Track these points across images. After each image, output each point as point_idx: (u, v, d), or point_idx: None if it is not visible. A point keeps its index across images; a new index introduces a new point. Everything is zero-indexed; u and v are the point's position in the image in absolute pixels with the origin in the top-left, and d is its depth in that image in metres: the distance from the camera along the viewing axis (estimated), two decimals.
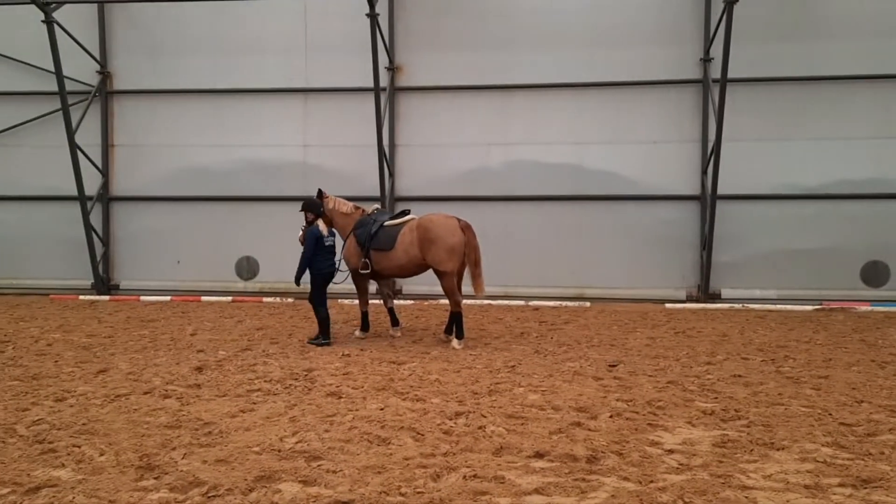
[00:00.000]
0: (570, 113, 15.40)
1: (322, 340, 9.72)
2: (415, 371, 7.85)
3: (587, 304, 14.55)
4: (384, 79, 15.31)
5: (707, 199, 14.49)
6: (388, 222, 10.07)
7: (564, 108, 15.41)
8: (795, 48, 14.62)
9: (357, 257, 10.10)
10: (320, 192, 10.51)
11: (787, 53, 14.63)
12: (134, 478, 4.54)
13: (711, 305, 14.35)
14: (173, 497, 4.23)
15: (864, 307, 13.79)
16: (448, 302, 9.99)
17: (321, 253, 9.71)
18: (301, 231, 10.05)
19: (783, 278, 14.76)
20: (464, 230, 9.71)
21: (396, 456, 4.93)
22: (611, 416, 5.95)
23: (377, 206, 10.66)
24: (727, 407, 6.28)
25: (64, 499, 4.18)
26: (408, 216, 10.23)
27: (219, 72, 16.25)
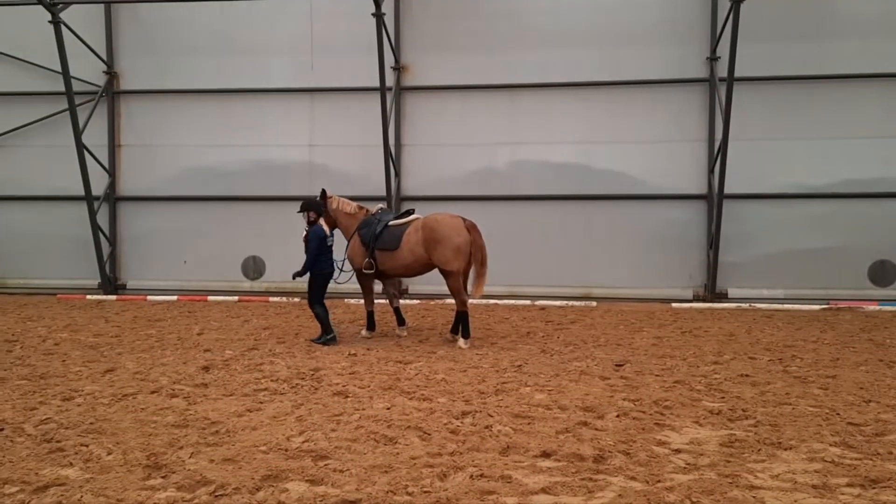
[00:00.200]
0: (577, 112, 15.37)
1: (326, 337, 9.73)
2: (421, 370, 7.85)
3: (593, 304, 14.53)
4: (390, 78, 15.30)
5: (714, 199, 14.45)
6: (393, 222, 10.06)
7: (571, 108, 15.39)
8: (802, 47, 14.57)
9: (362, 257, 10.09)
10: (324, 193, 10.51)
11: (794, 52, 14.59)
12: (141, 477, 4.55)
13: (718, 305, 14.31)
14: (181, 496, 4.24)
15: (872, 306, 13.74)
16: (454, 301, 9.99)
17: (324, 252, 9.75)
18: (305, 231, 10.04)
19: (790, 278, 14.71)
20: (469, 230, 9.68)
21: (403, 455, 4.93)
22: (617, 416, 5.94)
23: (381, 206, 10.64)
24: (734, 406, 6.26)
25: (72, 497, 4.19)
26: (412, 216, 10.23)
27: (225, 72, 16.28)
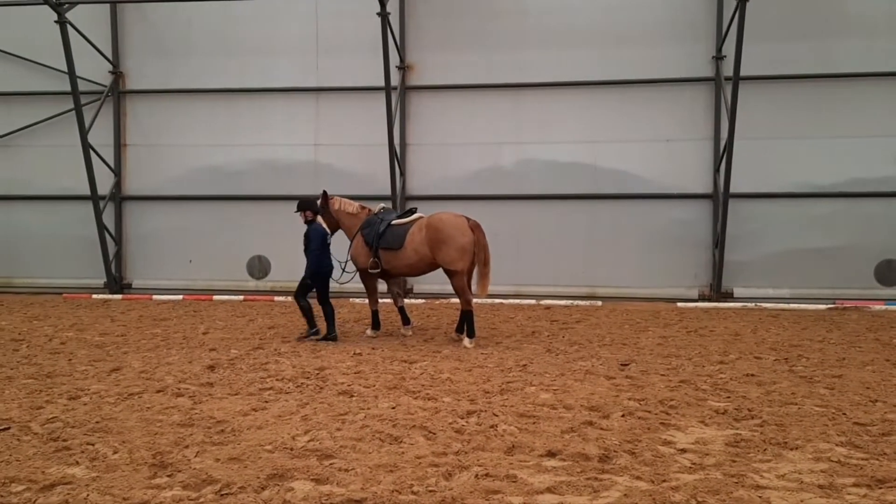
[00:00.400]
0: (582, 111, 15.36)
1: (330, 335, 9.80)
2: (426, 370, 7.85)
3: (599, 303, 14.52)
4: (395, 78, 15.32)
5: (719, 198, 14.42)
6: (396, 221, 10.06)
7: (576, 107, 15.39)
8: (808, 46, 14.53)
9: (365, 257, 10.09)
10: (325, 193, 10.52)
11: (800, 51, 14.55)
12: (147, 475, 4.56)
13: (724, 304, 14.28)
14: (186, 495, 4.24)
15: (879, 306, 13.69)
16: (459, 301, 10.00)
17: (325, 252, 9.79)
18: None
19: (796, 277, 14.68)
20: (473, 229, 9.68)
21: (408, 454, 4.93)
22: (623, 416, 5.93)
23: (383, 206, 10.62)
24: (740, 406, 6.24)
25: (78, 496, 4.20)
26: (415, 214, 10.23)
27: (231, 72, 16.32)
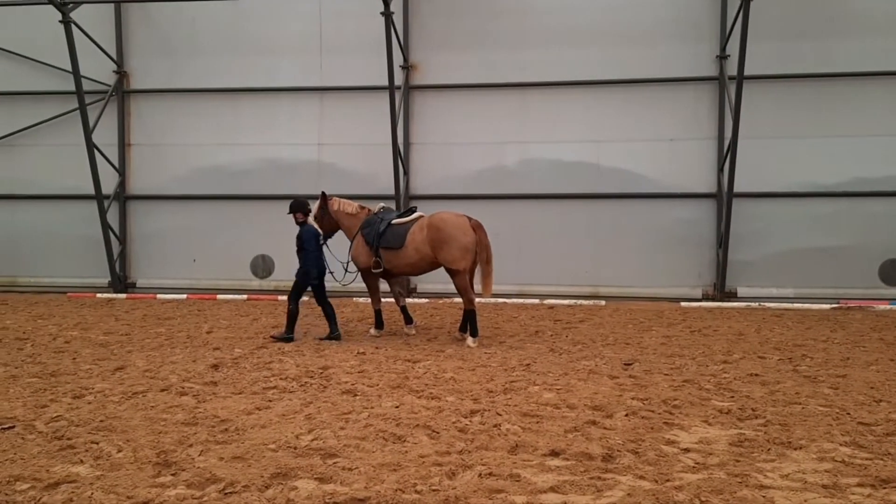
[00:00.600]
0: (586, 111, 15.36)
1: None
2: (430, 369, 7.85)
3: (602, 303, 14.51)
4: (399, 77, 15.32)
5: (723, 197, 14.40)
6: (396, 220, 10.07)
7: (580, 106, 15.38)
8: (812, 45, 14.50)
9: (366, 256, 10.10)
10: (324, 195, 10.55)
11: (804, 50, 14.53)
12: (151, 474, 4.57)
13: (727, 304, 14.26)
14: (190, 493, 4.24)
15: (883, 306, 13.67)
16: (461, 300, 10.00)
17: (320, 251, 9.84)
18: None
19: (800, 277, 14.66)
20: (475, 229, 9.69)
21: (412, 454, 4.93)
22: (626, 415, 5.92)
23: (383, 205, 10.62)
24: (744, 406, 6.23)
25: (82, 494, 4.21)
26: (415, 214, 10.23)
27: (234, 71, 16.34)
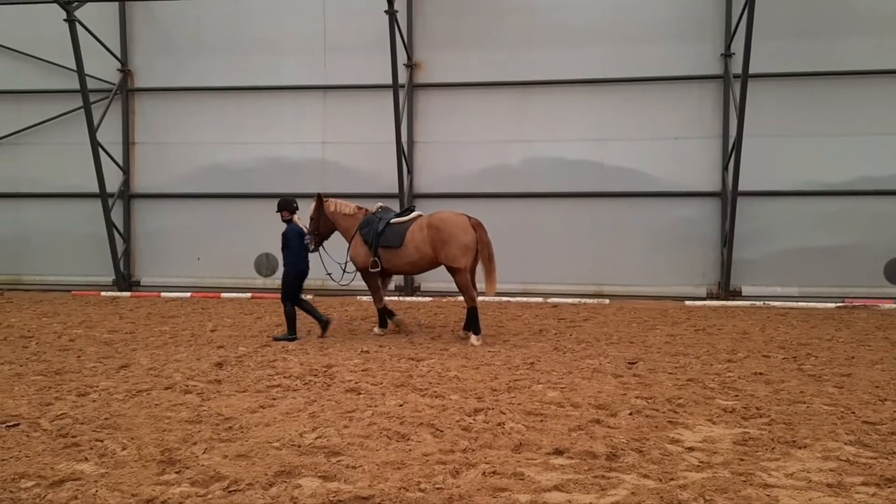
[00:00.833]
0: (590, 109, 15.33)
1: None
2: (433, 368, 7.85)
3: (606, 302, 14.49)
4: (403, 75, 15.32)
5: (728, 196, 14.37)
6: (395, 220, 10.09)
7: (584, 105, 15.35)
8: (817, 43, 14.45)
9: (365, 256, 10.12)
10: (319, 197, 10.59)
11: (809, 48, 14.48)
12: (156, 472, 4.58)
13: (732, 303, 14.23)
14: (195, 491, 4.25)
15: (888, 305, 13.62)
16: (463, 298, 10.00)
17: (302, 250, 9.88)
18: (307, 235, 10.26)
19: (805, 275, 14.62)
20: (475, 227, 9.72)
21: (415, 452, 4.93)
22: (630, 414, 5.92)
23: (380, 205, 10.64)
24: (748, 405, 6.22)
25: (87, 492, 4.22)
26: (414, 213, 10.26)
27: (238, 70, 16.35)
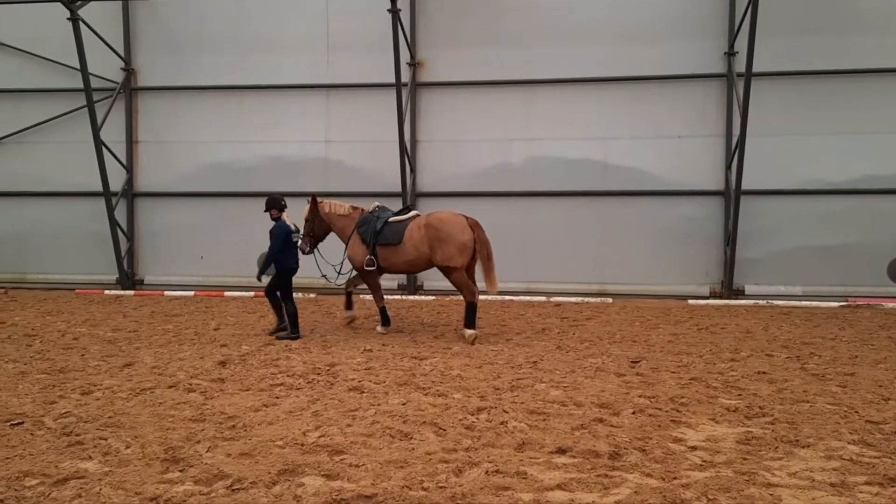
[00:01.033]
0: (593, 108, 15.30)
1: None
2: (436, 366, 7.86)
3: (609, 301, 14.48)
4: (406, 74, 15.31)
5: (731, 195, 14.34)
6: (394, 218, 10.15)
7: (587, 103, 15.32)
8: (821, 41, 14.40)
9: (363, 255, 10.16)
10: (314, 198, 10.63)
11: (813, 47, 14.43)
12: (159, 470, 4.60)
13: (735, 302, 14.20)
14: (198, 489, 4.27)
15: (892, 304, 13.59)
16: (462, 295, 9.98)
17: (289, 249, 9.90)
18: (300, 240, 10.33)
19: (808, 275, 14.58)
20: (472, 227, 9.77)
21: (418, 451, 4.94)
22: (633, 413, 5.92)
23: (377, 204, 10.68)
24: (751, 404, 6.22)
25: (91, 490, 4.24)
26: (412, 212, 10.33)
27: (242, 68, 16.34)
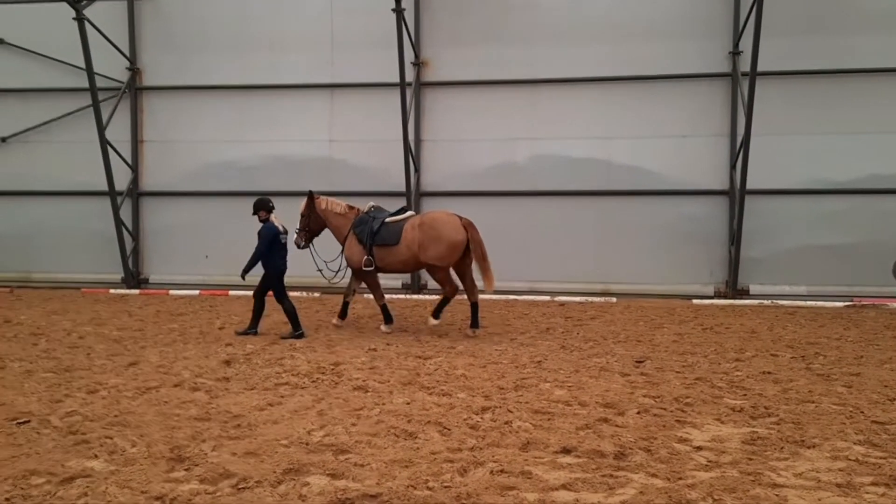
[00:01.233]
0: (597, 107, 15.29)
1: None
2: (441, 366, 7.86)
3: (613, 300, 14.47)
4: (410, 74, 15.30)
5: (736, 194, 14.32)
6: (391, 219, 10.24)
7: (591, 103, 15.31)
8: (825, 41, 14.37)
9: (360, 255, 10.22)
10: (311, 194, 10.65)
11: (818, 46, 14.39)
12: (165, 469, 4.60)
13: (740, 301, 14.18)
14: (203, 488, 4.27)
15: None
16: (444, 291, 10.18)
17: (277, 250, 9.86)
18: (295, 234, 10.34)
19: (813, 274, 14.55)
20: (466, 227, 9.87)
21: (423, 450, 4.94)
22: (638, 413, 5.91)
23: (373, 204, 10.73)
24: (756, 404, 6.20)
25: (97, 489, 4.24)
26: (408, 213, 10.46)
27: (246, 68, 16.37)
